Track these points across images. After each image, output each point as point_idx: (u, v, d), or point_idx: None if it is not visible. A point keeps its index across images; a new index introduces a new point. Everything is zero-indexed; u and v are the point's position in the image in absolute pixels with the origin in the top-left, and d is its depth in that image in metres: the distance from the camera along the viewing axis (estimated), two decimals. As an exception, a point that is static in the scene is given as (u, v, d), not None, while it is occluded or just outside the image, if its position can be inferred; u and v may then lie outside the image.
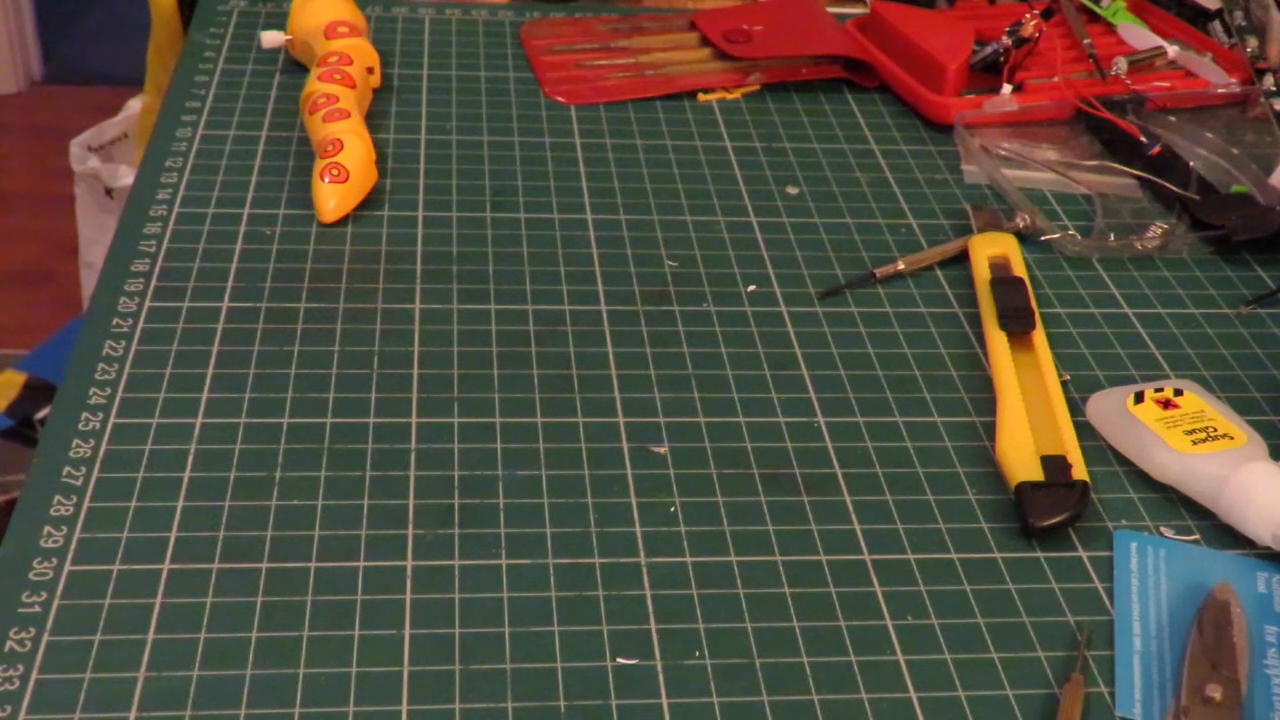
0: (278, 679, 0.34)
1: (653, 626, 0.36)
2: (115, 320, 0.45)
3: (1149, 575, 0.39)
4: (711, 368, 0.45)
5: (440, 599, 0.36)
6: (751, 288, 0.50)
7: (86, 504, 0.38)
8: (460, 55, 0.65)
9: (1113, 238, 0.54)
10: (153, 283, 0.47)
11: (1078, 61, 0.65)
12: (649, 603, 0.37)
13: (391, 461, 0.40)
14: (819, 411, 0.44)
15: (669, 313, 0.48)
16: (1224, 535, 0.40)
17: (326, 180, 0.51)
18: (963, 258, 0.52)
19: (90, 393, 0.42)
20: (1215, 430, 0.42)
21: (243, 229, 0.50)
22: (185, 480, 0.39)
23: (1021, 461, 0.41)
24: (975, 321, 0.49)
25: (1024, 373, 0.45)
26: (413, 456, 0.41)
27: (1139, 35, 0.67)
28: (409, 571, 0.37)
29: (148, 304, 0.46)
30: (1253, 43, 0.66)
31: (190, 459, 0.40)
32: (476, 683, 0.34)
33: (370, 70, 0.59)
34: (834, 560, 0.38)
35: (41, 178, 1.79)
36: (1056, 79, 0.63)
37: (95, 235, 1.11)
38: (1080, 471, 0.41)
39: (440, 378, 0.44)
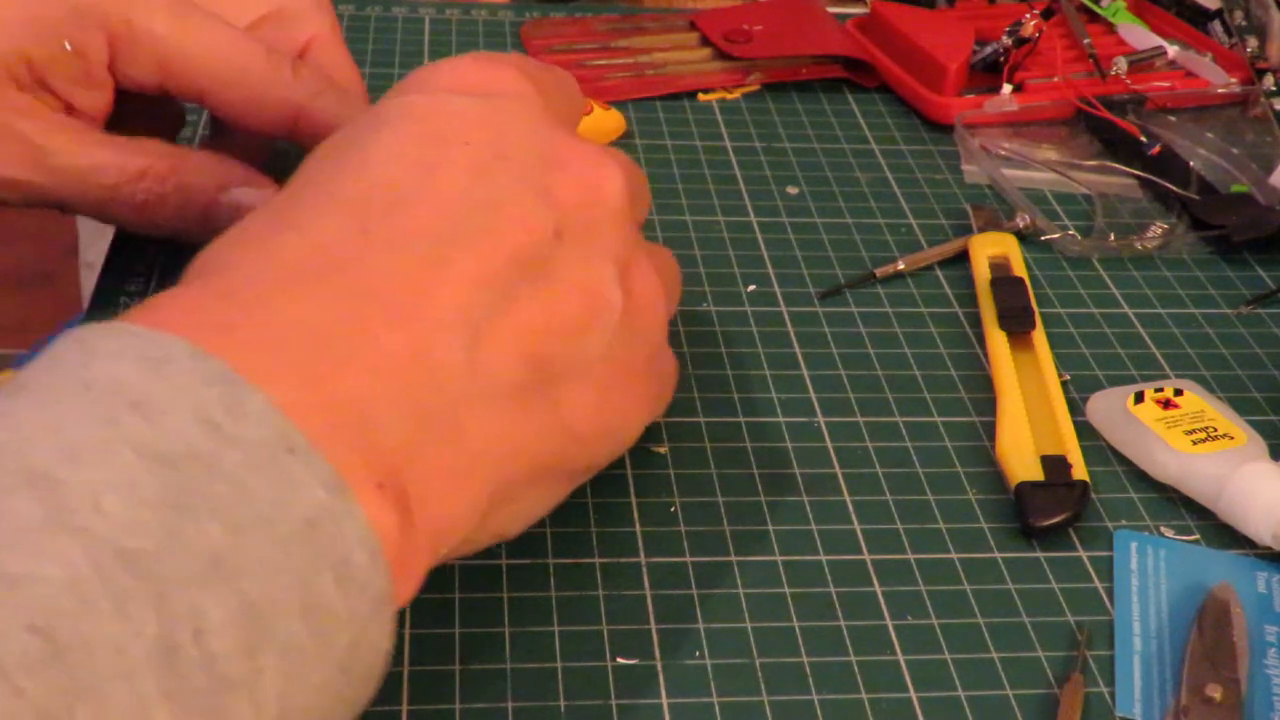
0: (278, 679, 0.34)
1: (653, 626, 0.36)
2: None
3: (1149, 575, 0.39)
4: (711, 368, 0.45)
5: (440, 599, 0.36)
6: (751, 288, 0.50)
7: (86, 504, 0.38)
8: (460, 55, 0.65)
9: (1113, 238, 0.54)
10: (153, 283, 0.47)
11: (1078, 61, 0.66)
12: (649, 603, 0.37)
13: (391, 461, 0.40)
14: (819, 411, 0.44)
15: (669, 313, 0.48)
16: (1224, 535, 0.40)
17: None
18: (963, 258, 0.52)
19: (90, 393, 0.42)
20: (1215, 430, 0.42)
21: (243, 229, 0.50)
22: (185, 480, 0.39)
23: (1021, 461, 0.41)
24: (975, 321, 0.49)
25: (1024, 373, 0.45)
26: (413, 456, 0.41)
27: (1139, 35, 0.67)
28: (409, 571, 0.37)
29: (148, 304, 0.46)
30: (1253, 43, 0.66)
31: (190, 459, 0.40)
32: (476, 683, 0.34)
33: None
34: (834, 560, 0.38)
35: (41, 178, 1.79)
36: (1056, 79, 0.63)
37: (95, 235, 1.10)
38: (1080, 471, 0.41)
39: (440, 378, 0.44)
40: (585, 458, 0.34)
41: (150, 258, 0.48)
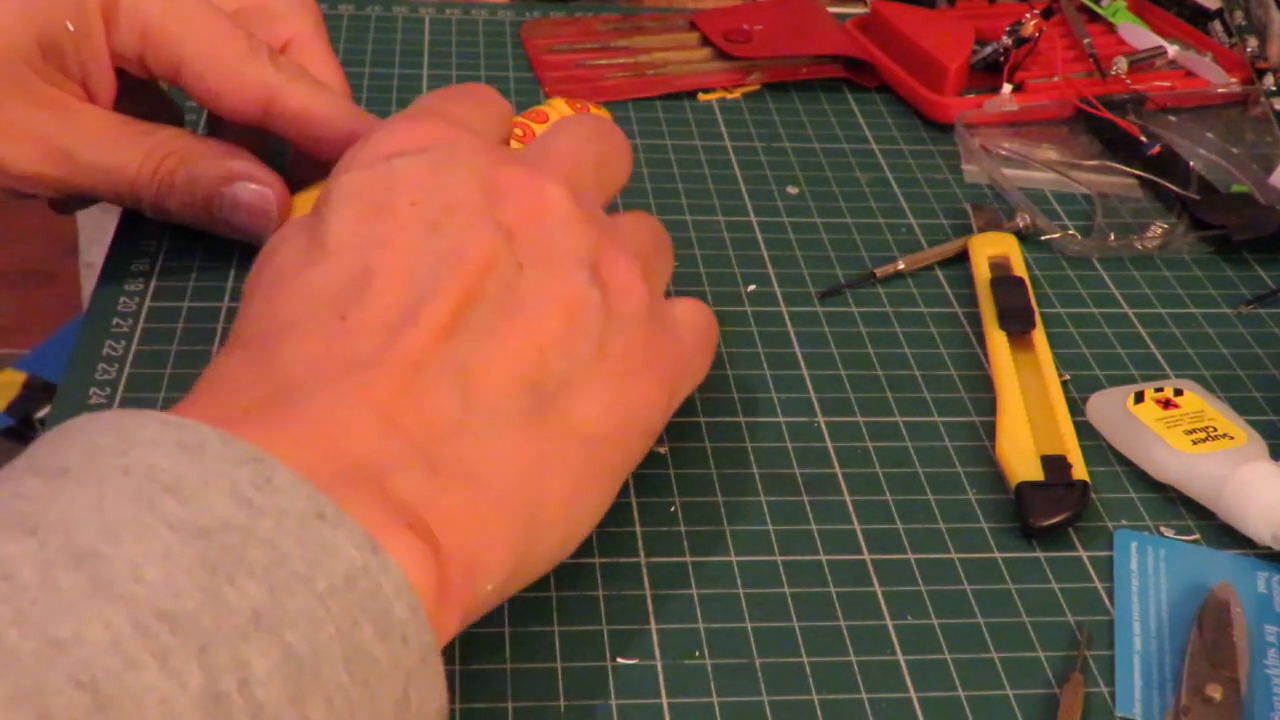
0: (278, 679, 0.34)
1: (653, 626, 0.36)
2: (115, 320, 0.45)
3: (1149, 575, 0.39)
4: (712, 368, 0.45)
5: (440, 599, 0.36)
6: (751, 288, 0.50)
7: (86, 504, 0.38)
8: (460, 55, 0.65)
9: (1113, 238, 0.54)
10: (153, 283, 0.47)
11: (1078, 61, 0.65)
12: (649, 603, 0.37)
13: (391, 461, 0.40)
14: (819, 411, 0.44)
15: (669, 313, 0.48)
16: (1224, 535, 0.40)
17: None
18: (963, 257, 0.52)
19: (90, 393, 0.42)
20: (1215, 430, 0.42)
21: (243, 229, 0.50)
22: (185, 480, 0.39)
23: (1021, 461, 0.41)
24: (975, 321, 0.49)
25: (1024, 372, 0.45)
26: (413, 456, 0.41)
27: (1139, 35, 0.67)
28: (409, 571, 0.37)
29: (148, 304, 0.46)
30: (1253, 42, 0.66)
31: (190, 459, 0.40)
32: (476, 683, 0.34)
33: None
34: (834, 560, 0.38)
35: (41, 177, 1.79)
36: (1056, 79, 0.63)
37: (95, 235, 1.10)
38: (1080, 471, 0.41)
39: (440, 378, 0.44)
40: (617, 456, 0.35)
41: (150, 259, 0.48)
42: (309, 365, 0.30)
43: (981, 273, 0.50)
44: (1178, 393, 0.44)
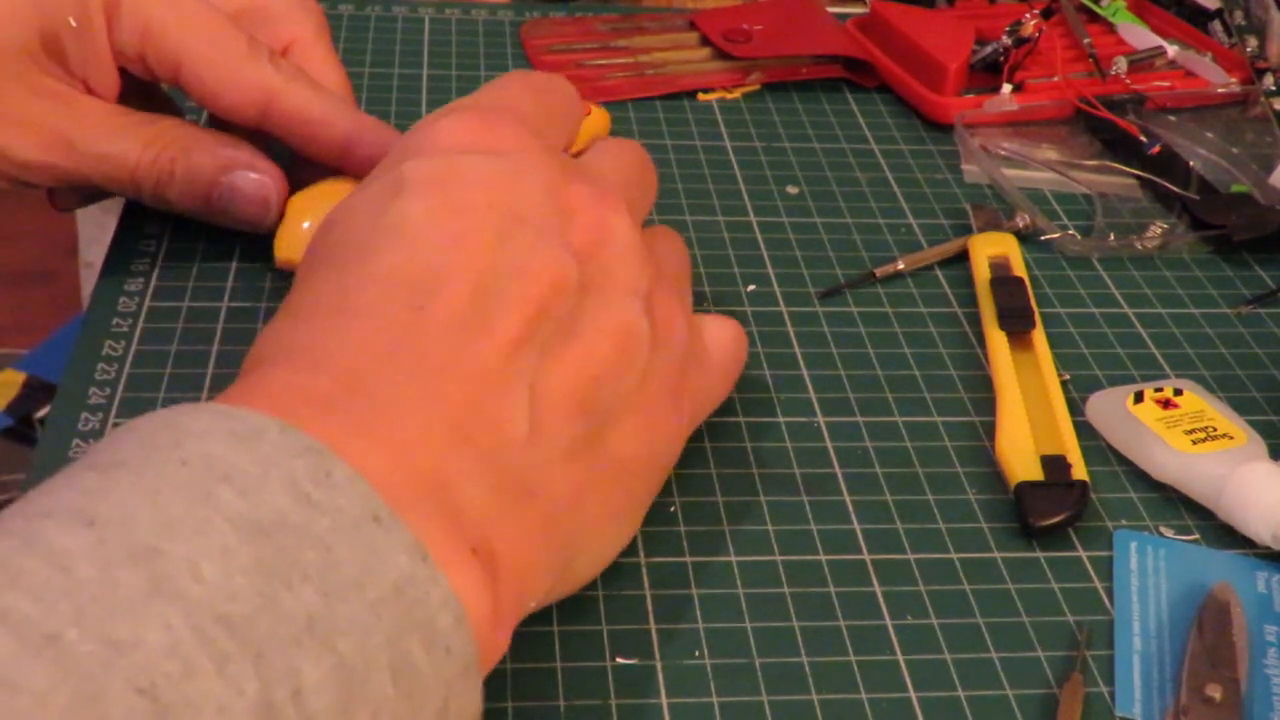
0: (278, 679, 0.34)
1: (652, 626, 0.36)
2: (115, 320, 0.45)
3: (1149, 575, 0.39)
4: (711, 368, 0.45)
5: (440, 599, 0.36)
6: (751, 288, 0.50)
7: (86, 504, 0.38)
8: (460, 55, 0.65)
9: (1113, 237, 0.54)
10: (153, 283, 0.47)
11: (1078, 61, 0.66)
12: (649, 602, 0.37)
13: (391, 461, 0.40)
14: (819, 411, 0.44)
15: (669, 313, 0.48)
16: (1224, 535, 0.40)
17: None
18: (963, 257, 0.52)
19: (90, 392, 0.42)
20: (1215, 430, 0.42)
21: (243, 229, 0.50)
22: (185, 480, 0.39)
23: (1021, 461, 0.41)
24: (975, 321, 0.49)
25: (1024, 372, 0.45)
26: (413, 456, 0.41)
27: (1139, 35, 0.67)
28: (409, 571, 0.37)
29: (148, 304, 0.46)
30: (1253, 42, 0.66)
31: (190, 459, 0.40)
32: (476, 683, 0.34)
33: None
34: (834, 560, 0.38)
35: (41, 177, 1.79)
36: (1056, 79, 0.63)
37: (95, 235, 1.10)
38: (1080, 471, 0.41)
39: (440, 378, 0.44)
40: (642, 488, 0.35)
41: (150, 259, 0.48)
42: (379, 356, 0.29)
43: (981, 273, 0.50)
44: (1177, 393, 0.44)
